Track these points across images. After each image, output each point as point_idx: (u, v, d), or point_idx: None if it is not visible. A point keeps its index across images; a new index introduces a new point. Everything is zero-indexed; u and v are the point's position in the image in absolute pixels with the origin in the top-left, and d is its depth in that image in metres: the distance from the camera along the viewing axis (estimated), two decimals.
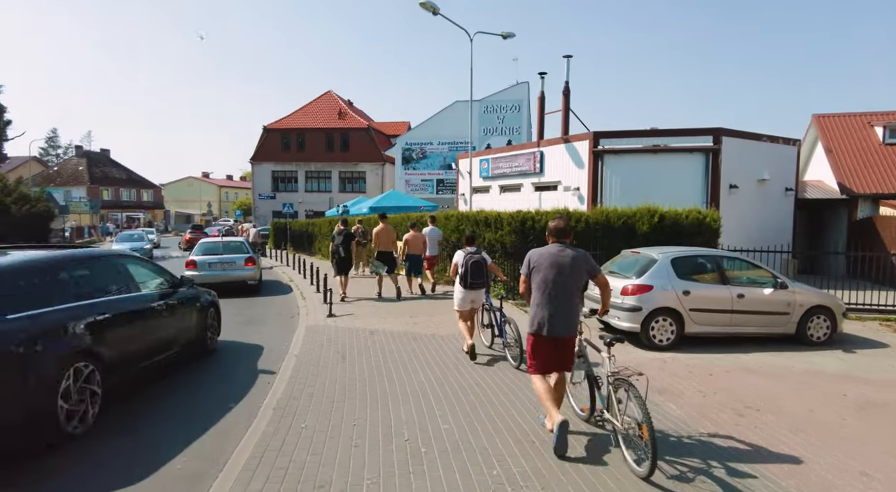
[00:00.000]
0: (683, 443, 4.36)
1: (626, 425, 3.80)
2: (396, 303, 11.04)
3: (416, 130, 35.40)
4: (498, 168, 18.01)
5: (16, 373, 3.96)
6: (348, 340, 7.85)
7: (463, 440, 4.35)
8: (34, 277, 4.56)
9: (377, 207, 21.63)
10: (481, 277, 6.79)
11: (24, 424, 3.98)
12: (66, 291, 4.77)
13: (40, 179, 57.28)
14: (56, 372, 4.22)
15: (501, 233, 11.36)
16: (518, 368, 6.36)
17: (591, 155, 14.37)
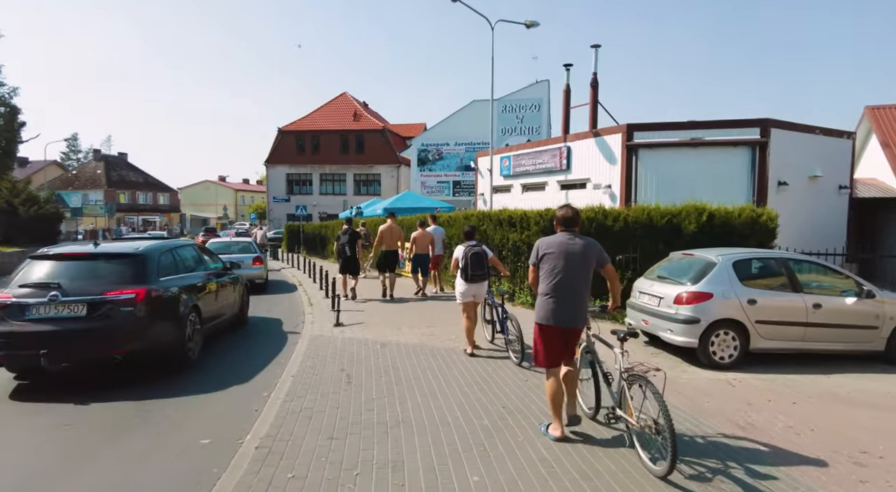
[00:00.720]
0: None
1: (642, 423, 3.64)
2: (411, 308, 10.04)
3: (432, 131, 34.46)
4: (520, 166, 16.90)
5: (171, 314, 6.15)
6: (356, 354, 6.81)
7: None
8: (166, 256, 6.69)
9: (392, 208, 20.67)
10: (482, 270, 6.75)
11: (175, 344, 6.14)
12: (179, 266, 6.95)
13: (59, 182, 57.89)
14: (185, 316, 6.39)
15: (528, 233, 10.26)
16: (520, 364, 6.28)
17: (625, 149, 13.20)
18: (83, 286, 5.61)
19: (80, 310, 5.48)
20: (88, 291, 5.56)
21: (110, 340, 5.51)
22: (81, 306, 5.49)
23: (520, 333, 6.44)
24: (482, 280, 6.82)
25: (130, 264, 6.08)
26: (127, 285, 5.71)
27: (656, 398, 3.49)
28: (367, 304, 10.93)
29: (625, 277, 9.48)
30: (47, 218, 21.97)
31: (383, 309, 10.22)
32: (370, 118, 43.85)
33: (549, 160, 15.70)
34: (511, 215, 10.85)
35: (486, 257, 6.83)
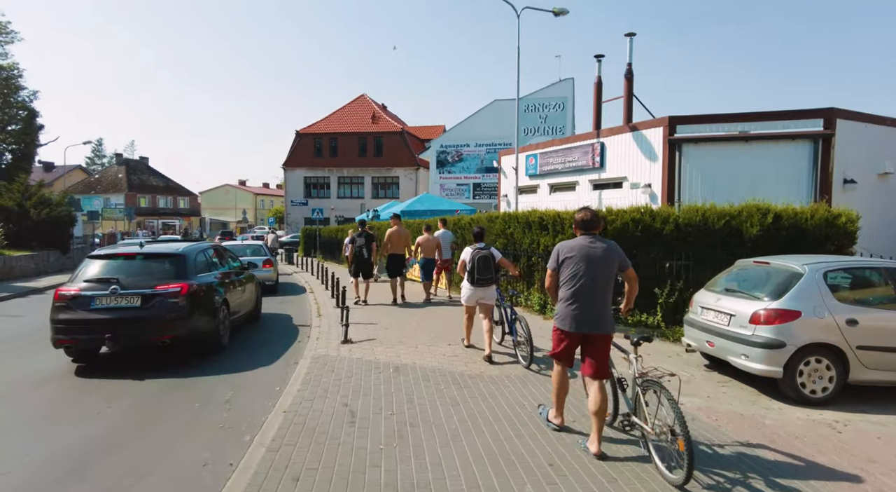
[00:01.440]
0: None
1: (658, 430, 3.54)
2: (427, 318, 8.93)
3: (451, 132, 33.40)
4: (548, 164, 15.68)
5: (208, 305, 7.03)
6: (363, 381, 5.70)
7: None
8: (200, 255, 7.62)
9: (409, 211, 19.67)
10: (489, 273, 6.57)
11: (210, 333, 7.05)
12: (210, 264, 7.83)
13: (82, 186, 58.46)
14: (219, 307, 7.27)
15: (563, 237, 9.08)
16: (528, 367, 6.17)
17: (666, 145, 11.91)
18: (136, 281, 6.61)
19: (135, 301, 6.45)
20: (141, 285, 6.56)
21: (160, 326, 6.46)
22: (136, 298, 6.46)
23: (528, 334, 6.22)
24: (489, 284, 6.63)
25: (173, 263, 7.04)
26: (172, 280, 6.71)
27: (671, 405, 3.38)
28: (379, 312, 9.92)
29: (675, 288, 8.24)
30: (59, 221, 21.42)
31: (397, 320, 9.13)
32: (389, 120, 43.05)
33: (580, 158, 14.47)
34: (542, 217, 9.67)
35: (493, 261, 6.62)
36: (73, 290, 6.49)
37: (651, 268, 8.45)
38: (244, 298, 8.88)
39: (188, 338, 6.73)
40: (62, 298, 6.45)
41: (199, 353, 7.10)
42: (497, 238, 10.86)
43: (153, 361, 6.85)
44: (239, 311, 8.50)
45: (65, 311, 6.41)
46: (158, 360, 6.92)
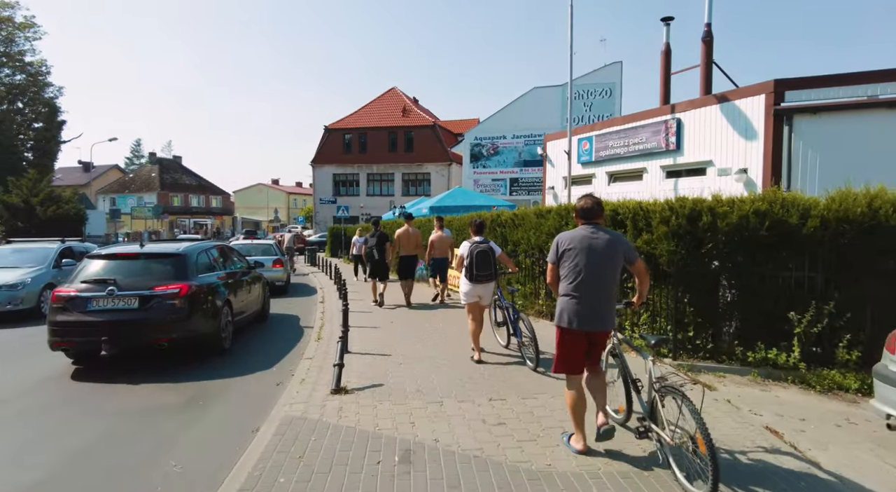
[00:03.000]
0: None
1: (678, 439, 3.29)
2: (458, 346, 6.49)
3: (486, 123, 30.85)
4: (606, 148, 13.00)
5: (209, 306, 6.83)
6: (348, 486, 3.33)
7: None
8: (202, 256, 7.50)
9: (439, 207, 17.35)
10: (488, 269, 6.13)
11: (211, 335, 6.86)
12: (214, 265, 7.77)
13: (117, 186, 58.86)
14: (220, 309, 7.11)
15: (649, 236, 6.50)
16: (535, 369, 5.73)
17: (770, 117, 9.14)
18: (134, 282, 6.40)
19: (133, 302, 6.24)
20: (139, 286, 6.35)
21: (159, 328, 6.24)
22: (134, 299, 6.25)
23: (533, 334, 5.88)
24: (488, 281, 6.23)
25: (173, 263, 6.81)
26: (171, 281, 6.47)
27: (694, 417, 3.10)
28: (393, 328, 7.70)
29: (822, 312, 5.59)
30: (68, 219, 20.09)
31: (413, 345, 6.76)
32: (420, 114, 40.90)
33: (649, 138, 11.75)
34: (617, 210, 7.11)
35: (493, 256, 6.23)
36: (70, 291, 6.32)
37: (781, 281, 5.83)
38: (250, 299, 8.70)
39: (188, 340, 6.52)
40: (59, 300, 6.28)
41: (200, 354, 6.86)
42: (549, 239, 8.36)
43: (153, 362, 6.64)
44: (245, 311, 8.36)
45: (62, 312, 6.24)
46: (159, 360, 6.68)
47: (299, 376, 5.72)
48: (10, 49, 31.88)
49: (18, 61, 32.24)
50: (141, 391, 5.61)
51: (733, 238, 5.96)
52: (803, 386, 5.44)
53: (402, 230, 10.48)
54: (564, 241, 3.75)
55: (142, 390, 5.64)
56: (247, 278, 8.79)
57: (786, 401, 5.01)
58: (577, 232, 3.74)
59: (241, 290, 8.28)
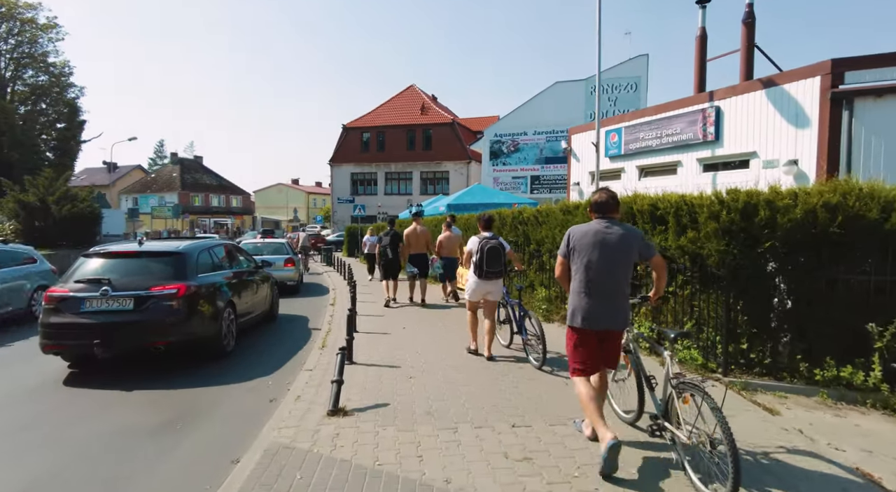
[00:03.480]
0: None
1: (695, 440, 3.08)
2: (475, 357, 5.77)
3: (507, 119, 30.01)
4: (637, 140, 12.11)
5: (209, 308, 6.42)
6: None
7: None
8: (204, 255, 7.03)
9: (457, 204, 16.65)
10: (498, 266, 5.95)
11: (212, 338, 6.47)
12: (216, 264, 7.30)
13: (139, 185, 59.60)
14: (222, 310, 6.70)
15: (695, 234, 5.67)
16: (541, 368, 5.59)
17: (826, 101, 8.18)
18: (130, 282, 6.06)
19: (128, 303, 5.89)
20: (135, 286, 6.00)
21: (155, 331, 5.90)
22: (129, 300, 5.90)
23: (541, 331, 5.65)
24: (497, 278, 6.06)
25: (172, 262, 6.44)
26: (169, 281, 6.12)
27: (715, 414, 2.91)
28: (406, 332, 6.93)
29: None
30: (83, 218, 19.90)
31: (426, 353, 6.05)
32: (439, 111, 40.25)
33: (684, 129, 10.83)
34: (656, 204, 6.28)
35: (504, 252, 6.04)
36: (62, 291, 6.01)
37: (857, 286, 4.96)
38: (257, 299, 8.38)
39: (186, 344, 6.16)
40: (51, 300, 5.97)
41: (201, 357, 6.54)
42: None
43: (152, 365, 6.34)
44: (251, 312, 8.07)
45: (54, 314, 5.91)
46: (159, 362, 6.40)
47: (296, 390, 5.05)
48: (34, 50, 32.23)
49: (42, 63, 32.57)
50: (132, 401, 5.20)
51: (795, 236, 5.10)
52: (887, 412, 4.58)
53: (411, 229, 10.36)
54: (576, 235, 3.61)
55: (133, 400, 5.22)
56: (253, 278, 8.41)
57: (870, 431, 4.17)
58: (591, 226, 3.60)
59: (247, 290, 7.90)
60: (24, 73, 32.62)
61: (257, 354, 7.02)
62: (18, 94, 32.22)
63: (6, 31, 31.63)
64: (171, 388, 5.52)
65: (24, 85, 32.52)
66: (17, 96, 32.06)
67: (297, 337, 8.10)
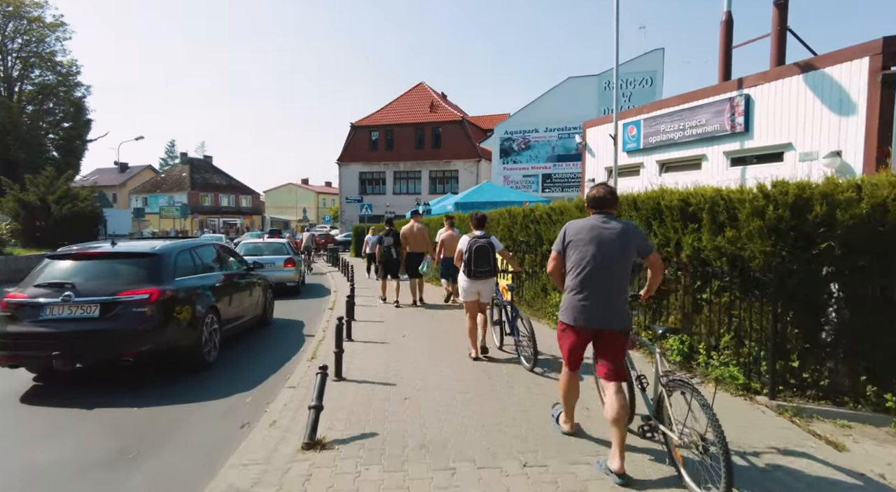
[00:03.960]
0: None
1: (686, 439, 2.99)
2: (478, 366, 5.06)
3: (517, 116, 29.22)
4: (657, 133, 11.30)
5: (187, 315, 5.79)
6: None
7: None
8: (184, 256, 6.38)
9: (465, 203, 15.95)
10: (487, 266, 5.89)
11: (190, 348, 5.84)
12: (198, 266, 6.64)
13: (149, 185, 59.66)
14: (202, 317, 6.05)
15: (734, 233, 4.90)
16: (532, 370, 5.48)
17: (876, 85, 7.35)
18: (98, 286, 5.45)
19: (92, 310, 5.31)
20: (102, 291, 5.40)
21: (122, 341, 5.31)
22: (94, 307, 5.32)
23: (531, 332, 5.53)
24: (487, 277, 5.94)
25: (145, 264, 5.90)
26: (141, 285, 5.55)
27: (705, 411, 2.85)
28: (403, 340, 6.20)
29: None
30: (83, 217, 19.51)
31: (426, 371, 5.34)
32: (448, 109, 39.56)
33: (710, 120, 10.01)
34: (688, 199, 5.51)
35: (493, 251, 5.92)
36: (20, 296, 5.41)
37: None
38: (247, 304, 7.83)
39: (161, 354, 5.58)
40: (8, 307, 5.36)
41: (180, 369, 5.94)
42: None
43: (124, 379, 5.72)
44: (240, 318, 7.52)
45: (10, 322, 5.30)
46: (131, 376, 5.76)
47: (272, 413, 4.37)
48: (41, 49, 32.08)
49: (49, 62, 32.41)
50: (91, 421, 4.59)
51: (857, 235, 4.32)
52: None
53: (408, 227, 10.18)
54: (571, 230, 3.50)
55: (93, 420, 4.61)
56: (244, 281, 7.84)
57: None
58: (587, 221, 3.48)
59: (235, 294, 7.34)
60: (32, 72, 32.48)
61: (241, 365, 6.38)
62: (26, 93, 32.09)
63: (14, 30, 31.51)
64: (138, 405, 4.89)
65: (31, 84, 32.38)
66: (24, 96, 31.93)
67: (287, 345, 7.44)
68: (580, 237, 3.41)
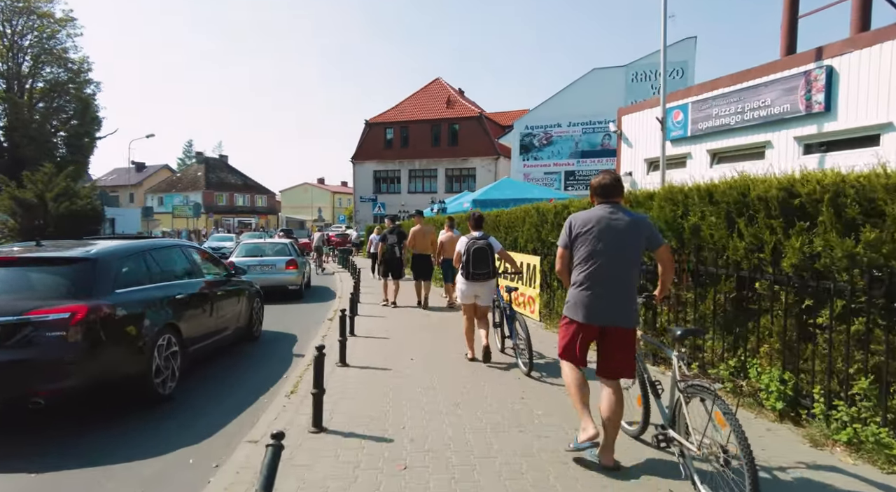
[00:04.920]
0: None
1: (705, 450, 2.75)
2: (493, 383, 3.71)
3: (538, 110, 27.67)
4: (708, 118, 9.74)
5: (129, 337, 4.57)
6: None
7: None
8: (133, 261, 5.14)
9: (483, 200, 14.57)
10: (486, 268, 5.74)
11: (136, 378, 4.60)
12: (154, 274, 5.33)
13: (165, 185, 59.47)
14: (153, 339, 4.79)
15: (876, 235, 3.43)
16: (528, 374, 5.26)
17: None
18: (5, 303, 4.15)
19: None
20: (6, 309, 4.07)
21: (31, 376, 4.00)
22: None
23: (527, 335, 5.33)
24: (486, 279, 5.79)
25: (72, 273, 4.56)
26: (62, 301, 4.24)
27: (728, 419, 2.57)
28: (408, 386, 4.85)
29: None
30: (82, 216, 18.59)
31: (437, 416, 3.98)
32: (465, 104, 38.19)
33: (777, 100, 8.43)
34: (792, 188, 4.01)
35: (491, 253, 5.78)
36: None
37: None
38: (225, 317, 6.55)
39: (90, 391, 4.28)
40: None
41: (124, 404, 4.74)
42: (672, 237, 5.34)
43: (39, 420, 4.40)
44: (215, 334, 6.26)
45: None
46: (52, 416, 4.44)
47: (218, 486, 3.04)
48: (53, 46, 31.57)
49: (60, 58, 31.90)
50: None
51: None
52: None
53: (416, 228, 10.01)
54: (578, 222, 3.30)
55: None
56: (220, 291, 6.54)
57: None
58: (594, 212, 3.28)
59: (207, 307, 6.05)
60: (43, 69, 32.01)
61: (202, 400, 5.05)
62: (37, 90, 31.62)
63: (25, 27, 31.06)
64: (36, 468, 3.55)
65: (42, 81, 31.92)
66: (36, 93, 31.45)
67: (269, 369, 6.14)
68: (588, 228, 3.23)
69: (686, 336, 3.24)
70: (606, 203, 3.28)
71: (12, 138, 27.25)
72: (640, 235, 3.20)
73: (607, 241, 3.16)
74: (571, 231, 3.32)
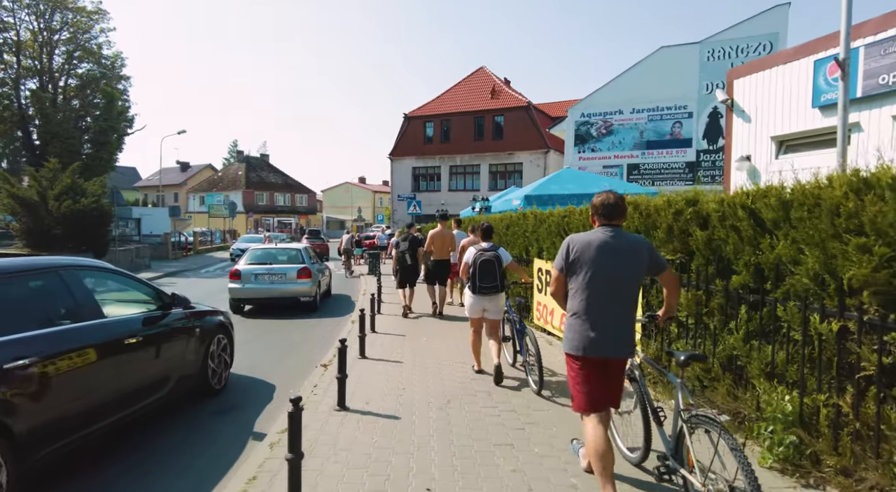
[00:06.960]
0: None
1: (711, 486, 2.58)
2: None
3: (596, 95, 24.26)
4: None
5: None
6: None
7: None
8: None
9: (537, 195, 11.60)
10: (493, 281, 5.50)
11: None
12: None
13: (206, 184, 59.27)
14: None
15: None
16: (539, 393, 5.04)
17: None
18: None
19: None
20: None
21: None
22: None
23: (537, 351, 5.16)
24: (494, 293, 5.53)
25: None
26: None
27: (735, 455, 2.41)
28: None
29: None
30: (87, 216, 16.82)
31: None
32: (512, 94, 35.06)
33: None
34: None
35: (500, 265, 5.53)
36: None
37: None
38: (146, 373, 4.39)
39: None
40: None
41: None
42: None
43: None
44: (124, 406, 4.08)
45: None
46: None
47: None
48: (87, 41, 30.74)
49: (94, 55, 31.04)
50: None
51: None
52: None
53: (437, 231, 9.73)
54: (577, 245, 3.12)
55: None
56: (142, 334, 4.38)
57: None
58: (593, 235, 3.13)
59: (102, 363, 3.87)
60: (78, 66, 31.23)
61: None
62: (71, 88, 30.86)
63: (60, 22, 30.32)
64: None
65: (75, 77, 31.15)
66: (70, 90, 30.68)
67: (208, 458, 3.53)
68: (586, 253, 3.05)
69: (689, 361, 2.84)
70: (608, 225, 3.10)
71: (44, 138, 26.39)
72: (642, 259, 3.05)
73: (606, 266, 2.99)
74: (569, 255, 3.11)
